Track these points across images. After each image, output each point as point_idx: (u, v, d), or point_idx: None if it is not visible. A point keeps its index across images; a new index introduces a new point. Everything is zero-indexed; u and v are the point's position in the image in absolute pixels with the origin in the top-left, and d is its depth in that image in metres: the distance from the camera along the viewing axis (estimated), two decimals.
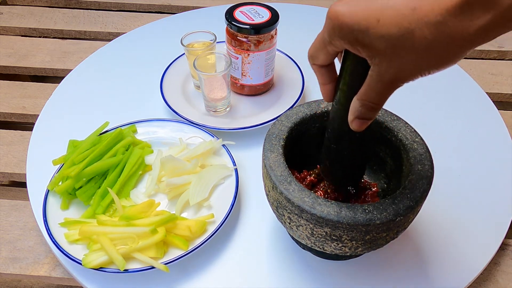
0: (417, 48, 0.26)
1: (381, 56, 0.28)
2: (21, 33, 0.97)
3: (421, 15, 0.25)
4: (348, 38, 0.28)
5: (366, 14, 0.27)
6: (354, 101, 0.33)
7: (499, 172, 0.61)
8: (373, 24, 0.26)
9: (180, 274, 0.49)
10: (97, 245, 0.48)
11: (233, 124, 0.64)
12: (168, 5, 1.04)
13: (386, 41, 0.27)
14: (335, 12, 0.28)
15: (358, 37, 0.28)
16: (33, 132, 0.67)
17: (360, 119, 0.33)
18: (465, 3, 0.24)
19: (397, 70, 0.28)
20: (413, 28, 0.25)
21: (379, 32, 0.26)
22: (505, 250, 0.56)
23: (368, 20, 0.27)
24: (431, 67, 0.28)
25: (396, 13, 0.26)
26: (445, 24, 0.25)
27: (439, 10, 0.25)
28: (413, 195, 0.39)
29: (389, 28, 0.26)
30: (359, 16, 0.27)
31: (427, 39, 0.26)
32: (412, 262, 0.51)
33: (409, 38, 0.26)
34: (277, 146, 0.44)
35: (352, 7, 0.27)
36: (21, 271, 0.53)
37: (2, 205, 0.60)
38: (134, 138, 0.60)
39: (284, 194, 0.39)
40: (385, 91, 0.30)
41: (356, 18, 0.27)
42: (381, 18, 0.26)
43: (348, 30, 0.28)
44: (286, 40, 0.79)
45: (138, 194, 0.56)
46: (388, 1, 0.26)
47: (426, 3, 0.25)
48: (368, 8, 0.27)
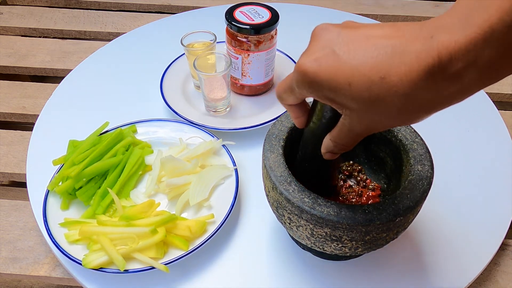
0: (388, 111, 0.26)
1: (352, 112, 0.28)
2: (21, 33, 0.97)
3: (390, 85, 0.25)
4: (317, 93, 0.29)
5: (336, 76, 0.26)
6: (327, 139, 0.34)
7: (499, 172, 0.61)
8: (344, 87, 0.26)
9: (180, 274, 0.49)
10: (97, 245, 0.48)
11: (233, 124, 0.64)
12: (168, 5, 1.05)
13: (358, 103, 0.27)
14: (304, 68, 0.28)
15: (329, 95, 0.28)
16: (33, 132, 0.67)
17: (332, 153, 0.35)
18: (430, 77, 0.24)
19: (368, 124, 0.29)
20: (383, 95, 0.25)
21: (350, 95, 0.26)
22: (505, 250, 0.56)
23: (338, 82, 0.26)
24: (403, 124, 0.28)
25: (366, 79, 0.25)
26: (414, 96, 0.25)
27: (407, 83, 0.24)
28: (413, 196, 0.39)
29: (360, 92, 0.26)
30: (328, 77, 0.27)
31: (397, 107, 0.26)
32: (412, 262, 0.51)
33: (380, 103, 0.26)
34: (277, 147, 0.44)
35: (321, 66, 0.27)
36: (21, 271, 0.53)
37: (2, 205, 0.60)
38: (134, 138, 0.60)
39: (284, 195, 0.39)
40: (356, 138, 0.31)
41: (325, 78, 0.27)
42: (352, 82, 0.26)
43: (317, 88, 0.28)
44: (286, 40, 0.79)
45: (138, 194, 0.56)
46: (357, 65, 0.26)
47: (394, 73, 0.24)
48: (338, 70, 0.26)
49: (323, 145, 0.35)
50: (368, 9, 1.04)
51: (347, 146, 0.33)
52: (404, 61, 0.24)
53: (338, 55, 0.26)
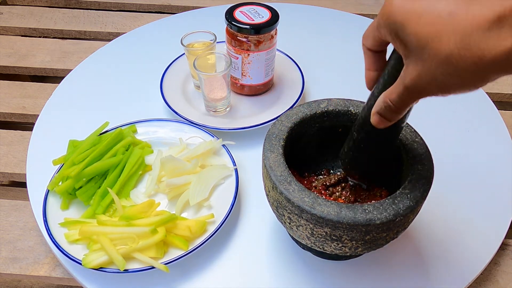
0: (438, 55, 0.26)
1: (411, 57, 0.28)
2: (21, 33, 0.97)
3: (455, 21, 0.25)
4: (390, 29, 0.29)
5: (412, 10, 0.27)
6: (381, 96, 0.33)
7: (499, 172, 0.61)
8: (414, 20, 0.27)
9: (180, 274, 0.49)
10: (97, 245, 0.48)
11: (233, 124, 0.64)
12: (168, 5, 1.05)
13: (418, 40, 0.27)
14: (389, 2, 0.29)
15: (398, 30, 0.28)
16: (33, 132, 0.67)
17: (380, 115, 0.34)
18: (496, 21, 0.24)
19: (417, 76, 0.28)
20: (443, 32, 0.25)
21: (415, 29, 0.27)
22: (505, 250, 0.56)
23: (412, 15, 0.27)
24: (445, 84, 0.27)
25: (436, 14, 0.26)
26: (471, 37, 0.24)
27: (471, 21, 0.24)
28: (413, 195, 0.39)
29: (424, 27, 0.26)
30: (406, 10, 0.27)
31: (449, 48, 0.25)
32: (412, 262, 0.51)
33: (435, 42, 0.26)
34: (277, 146, 0.44)
35: (412, 3, 0.28)
36: (21, 271, 0.53)
37: (2, 205, 0.60)
38: (134, 138, 0.60)
39: (284, 194, 0.39)
40: (405, 97, 0.30)
41: (403, 11, 0.28)
42: (423, 15, 0.26)
43: (392, 21, 0.29)
44: (286, 40, 0.79)
45: (138, 194, 0.56)
46: (436, 2, 0.26)
47: (463, 12, 0.25)
48: (416, 5, 0.27)
49: (375, 105, 0.34)
50: (368, 9, 1.04)
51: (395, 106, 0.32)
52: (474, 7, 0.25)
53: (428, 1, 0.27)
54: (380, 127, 0.35)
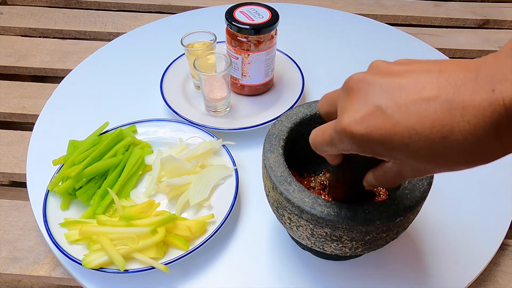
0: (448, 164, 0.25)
1: (406, 163, 0.27)
2: (21, 33, 0.97)
3: (454, 144, 0.23)
4: (367, 152, 0.27)
5: (390, 138, 0.25)
6: (370, 177, 0.33)
7: (499, 172, 0.61)
8: (401, 148, 0.25)
9: (180, 274, 0.49)
10: (97, 245, 0.48)
11: (233, 124, 0.64)
12: (168, 5, 1.05)
13: (416, 160, 0.25)
14: (351, 131, 0.26)
15: (380, 152, 0.26)
16: (33, 132, 0.67)
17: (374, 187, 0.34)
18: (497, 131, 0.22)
19: (421, 172, 0.27)
20: (447, 153, 0.24)
21: (408, 154, 0.25)
22: (505, 250, 0.56)
23: (393, 143, 0.25)
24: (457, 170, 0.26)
25: (426, 139, 0.24)
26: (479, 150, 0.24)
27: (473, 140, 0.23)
28: (413, 196, 0.39)
29: (420, 152, 0.25)
30: (381, 138, 0.25)
31: (460, 161, 0.24)
32: (412, 262, 0.51)
33: (441, 159, 0.25)
34: (277, 147, 0.44)
35: (370, 128, 0.25)
36: (21, 271, 0.53)
37: (2, 205, 0.60)
38: (134, 138, 0.60)
39: (284, 195, 0.39)
40: (403, 180, 0.30)
41: (378, 139, 0.25)
42: (410, 143, 0.24)
43: (368, 147, 0.26)
44: (286, 40, 0.79)
45: (138, 194, 0.56)
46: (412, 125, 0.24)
47: (457, 131, 0.23)
48: (391, 131, 0.25)
49: (366, 180, 0.34)
50: (368, 9, 1.04)
51: (391, 185, 0.31)
52: (467, 118, 0.23)
53: (388, 114, 0.25)
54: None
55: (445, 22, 1.03)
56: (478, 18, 1.01)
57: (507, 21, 1.02)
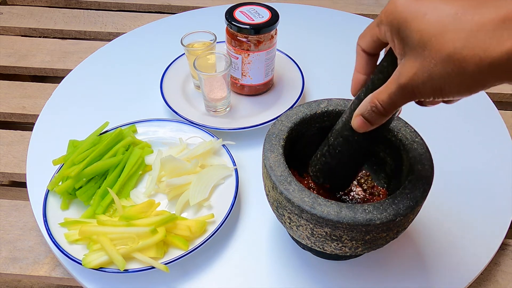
0: (440, 52, 0.26)
1: (409, 55, 0.28)
2: (21, 33, 0.97)
3: (461, 21, 0.25)
4: (392, 25, 0.29)
5: (418, 8, 0.27)
6: (367, 98, 0.33)
7: (499, 172, 0.61)
8: (419, 18, 0.27)
9: (180, 274, 0.49)
10: (97, 245, 0.48)
11: (233, 124, 0.64)
12: (168, 5, 1.05)
13: (421, 36, 0.27)
14: (395, 0, 0.29)
15: (401, 27, 0.28)
16: (33, 132, 0.67)
17: (364, 118, 0.33)
18: (500, 22, 0.24)
19: (414, 74, 0.28)
20: (448, 30, 0.26)
21: (419, 26, 0.27)
22: (505, 250, 0.56)
23: (417, 13, 0.27)
24: (440, 85, 0.27)
25: (442, 13, 0.26)
26: (475, 37, 0.25)
27: (476, 22, 0.25)
28: (413, 195, 0.39)
29: (429, 24, 0.27)
30: (412, 9, 0.28)
31: (453, 46, 0.26)
32: (412, 262, 0.51)
33: (439, 39, 0.26)
34: (277, 146, 0.44)
35: (417, 2, 0.28)
36: (21, 271, 0.53)
37: (2, 205, 0.60)
38: (134, 138, 0.60)
39: (284, 194, 0.39)
40: (397, 96, 0.30)
41: (408, 9, 0.28)
42: (428, 14, 0.27)
43: (396, 17, 0.29)
44: (286, 40, 0.79)
45: (138, 194, 0.56)
46: (442, 3, 0.27)
47: (469, 13, 0.25)
48: (423, 4, 0.27)
49: (359, 107, 0.34)
50: (368, 9, 1.04)
51: (384, 108, 0.32)
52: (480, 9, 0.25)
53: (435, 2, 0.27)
54: (360, 131, 0.35)
55: None
56: None
57: None
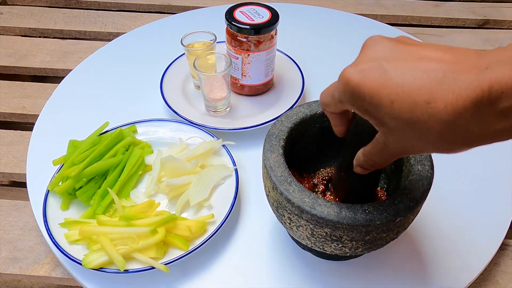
0: (427, 136, 0.25)
1: (389, 131, 0.27)
2: (21, 33, 0.97)
3: (434, 110, 0.24)
4: (357, 105, 0.28)
5: (379, 91, 0.26)
6: (359, 153, 0.33)
7: (499, 172, 0.61)
8: (386, 104, 0.26)
9: (180, 274, 0.49)
10: (97, 245, 0.48)
11: (233, 124, 0.64)
12: (168, 5, 1.05)
13: (398, 123, 0.26)
14: (347, 77, 0.27)
15: (369, 109, 0.27)
16: (33, 132, 0.67)
17: (363, 168, 0.34)
18: (476, 110, 0.23)
19: (403, 146, 0.28)
20: (425, 120, 0.24)
21: (391, 113, 0.26)
22: (505, 250, 0.56)
23: (380, 97, 0.26)
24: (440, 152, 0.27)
25: (410, 100, 0.25)
26: (457, 125, 0.24)
27: (451, 111, 0.23)
28: (413, 196, 0.39)
29: (401, 113, 0.25)
30: (371, 90, 0.26)
31: (438, 133, 0.25)
32: (412, 262, 0.51)
33: (420, 126, 0.25)
34: (277, 147, 0.44)
35: (365, 78, 0.26)
36: (21, 271, 0.53)
37: (2, 205, 0.60)
38: (134, 138, 0.60)
39: (284, 195, 0.39)
40: (389, 158, 0.31)
41: (368, 91, 0.26)
42: (395, 100, 0.25)
43: (358, 99, 0.27)
44: (286, 40, 0.79)
45: (138, 194, 0.56)
46: (402, 84, 0.25)
47: (440, 99, 0.24)
48: (382, 85, 0.25)
49: (356, 157, 0.34)
50: (368, 9, 1.04)
51: (378, 164, 0.32)
52: (453, 89, 0.23)
53: (386, 70, 0.26)
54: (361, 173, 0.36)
55: (445, 22, 1.03)
56: (478, 18, 1.01)
57: (507, 21, 1.02)
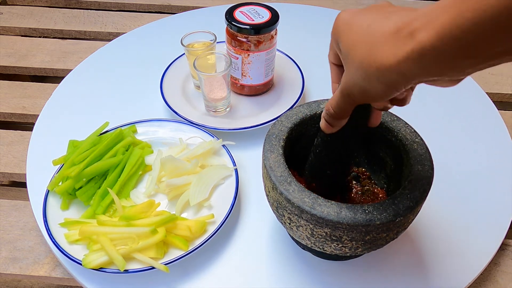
0: (355, 61, 0.29)
1: (344, 64, 0.31)
2: (21, 33, 0.97)
3: (369, 32, 0.28)
4: (334, 38, 0.33)
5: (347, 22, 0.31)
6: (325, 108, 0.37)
7: (499, 172, 0.61)
8: (346, 31, 0.31)
9: (180, 274, 0.49)
10: (97, 245, 0.48)
11: (233, 124, 0.64)
12: (168, 5, 1.05)
13: (344, 48, 0.31)
14: (338, 15, 0.32)
15: (338, 40, 0.32)
16: (33, 132, 0.67)
17: (325, 120, 0.37)
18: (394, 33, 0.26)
19: (346, 81, 0.31)
20: (359, 41, 0.29)
21: (344, 38, 0.31)
22: (505, 250, 0.56)
23: (346, 26, 0.31)
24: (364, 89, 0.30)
25: (359, 25, 0.29)
26: (376, 46, 0.27)
27: (379, 33, 0.27)
28: (413, 196, 0.39)
29: (349, 36, 0.30)
30: (344, 22, 0.31)
31: (361, 56, 0.28)
32: (412, 262, 0.51)
33: (353, 50, 0.29)
34: (277, 147, 0.44)
35: (350, 16, 0.31)
36: (21, 271, 0.53)
37: (2, 205, 0.60)
38: (134, 138, 0.60)
39: (284, 195, 0.39)
40: (340, 101, 0.34)
41: (342, 23, 0.31)
42: (352, 27, 0.30)
43: (335, 32, 0.32)
44: (286, 40, 0.79)
45: (138, 194, 0.56)
46: (365, 16, 0.29)
47: (377, 25, 0.28)
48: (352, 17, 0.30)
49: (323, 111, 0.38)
50: None
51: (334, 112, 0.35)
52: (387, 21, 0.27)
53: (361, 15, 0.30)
54: (327, 132, 0.38)
55: None
56: None
57: None
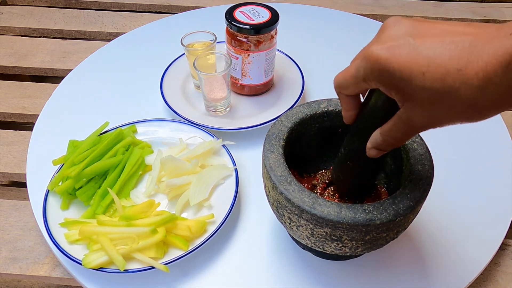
0: (458, 104, 0.26)
1: (416, 104, 0.28)
2: (21, 33, 0.97)
3: (466, 77, 0.25)
4: (385, 82, 0.28)
5: (410, 65, 0.26)
6: (376, 134, 0.34)
7: (499, 172, 0.61)
8: (417, 76, 0.26)
9: (180, 274, 0.49)
10: (97, 245, 0.48)
11: (233, 124, 0.64)
12: (168, 5, 1.05)
13: (429, 94, 0.26)
14: (376, 55, 0.28)
15: (399, 84, 0.27)
16: (33, 132, 0.67)
17: (379, 150, 0.34)
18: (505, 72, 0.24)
19: (428, 119, 0.28)
20: (457, 87, 0.25)
21: (423, 84, 0.26)
22: (505, 250, 0.56)
23: (412, 71, 0.26)
24: (467, 120, 0.27)
25: (442, 70, 0.25)
26: (488, 89, 0.25)
27: (482, 76, 0.24)
28: (413, 195, 0.39)
29: (433, 82, 0.26)
30: (402, 65, 0.27)
31: (469, 99, 0.25)
32: (412, 262, 0.51)
33: (451, 95, 0.26)
34: (277, 146, 0.44)
35: (395, 55, 0.27)
36: (21, 271, 0.53)
37: (2, 205, 0.60)
38: (134, 138, 0.60)
39: (284, 194, 0.39)
40: (411, 134, 0.31)
41: (398, 66, 0.27)
42: (426, 72, 0.26)
43: (388, 76, 0.28)
44: (286, 40, 0.79)
45: (138, 194, 0.56)
46: (433, 56, 0.26)
47: (470, 66, 0.25)
48: (413, 59, 0.26)
49: (370, 139, 0.34)
50: (368, 9, 1.04)
51: (397, 142, 0.32)
52: (481, 56, 0.24)
53: (414, 45, 0.27)
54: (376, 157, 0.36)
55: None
56: (478, 18, 1.01)
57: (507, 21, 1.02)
